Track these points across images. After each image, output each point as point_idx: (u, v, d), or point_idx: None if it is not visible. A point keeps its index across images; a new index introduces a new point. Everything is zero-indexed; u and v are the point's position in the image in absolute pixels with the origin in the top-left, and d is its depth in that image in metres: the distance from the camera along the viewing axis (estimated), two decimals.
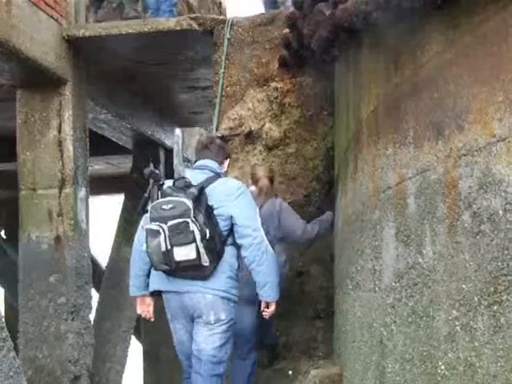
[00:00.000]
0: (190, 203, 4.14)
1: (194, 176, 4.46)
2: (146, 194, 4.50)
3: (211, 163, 4.56)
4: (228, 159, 4.78)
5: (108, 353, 9.73)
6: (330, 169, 5.99)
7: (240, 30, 6.64)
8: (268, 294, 4.45)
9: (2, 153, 10.10)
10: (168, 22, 7.28)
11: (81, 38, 7.38)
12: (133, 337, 11.21)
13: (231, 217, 4.32)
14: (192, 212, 4.13)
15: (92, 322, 8.10)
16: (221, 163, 4.64)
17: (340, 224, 5.23)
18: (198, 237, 4.12)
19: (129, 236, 10.27)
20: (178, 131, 11.43)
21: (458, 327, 3.10)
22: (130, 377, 11.68)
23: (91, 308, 7.96)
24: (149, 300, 4.58)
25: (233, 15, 7.20)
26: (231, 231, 4.37)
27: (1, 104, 8.66)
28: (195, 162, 4.70)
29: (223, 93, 6.60)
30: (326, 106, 6.22)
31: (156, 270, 4.32)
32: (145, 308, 4.61)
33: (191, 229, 4.11)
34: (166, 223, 4.14)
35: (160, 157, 10.87)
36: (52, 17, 7.12)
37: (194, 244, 4.12)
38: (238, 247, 4.40)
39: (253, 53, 6.58)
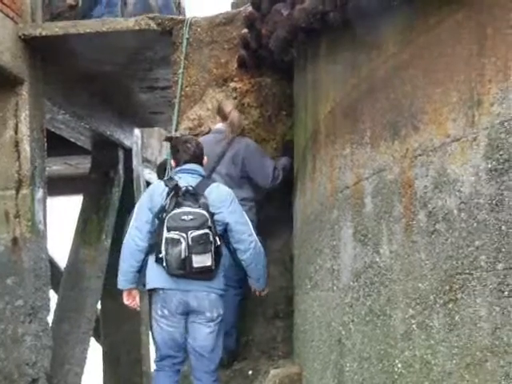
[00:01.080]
0: (207, 214, 4.54)
1: (187, 180, 4.73)
2: (162, 203, 4.65)
3: (197, 167, 4.86)
4: (205, 157, 5.01)
5: (66, 355, 9.61)
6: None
7: (199, 29, 6.61)
8: (261, 284, 5.05)
9: None
10: (126, 22, 7.22)
11: (38, 37, 7.27)
12: (92, 338, 11.13)
13: (227, 223, 4.69)
14: (209, 223, 4.53)
15: (50, 324, 8.01)
16: (202, 165, 4.92)
17: (299, 224, 5.25)
18: (213, 246, 4.54)
19: (87, 237, 10.21)
20: (137, 131, 11.35)
21: (414, 325, 3.13)
22: (90, 379, 11.58)
23: (49, 310, 7.86)
24: (135, 292, 4.87)
25: (192, 15, 7.17)
26: (223, 233, 4.73)
27: None
28: (179, 163, 4.86)
29: (182, 93, 6.57)
30: (284, 106, 6.22)
31: (170, 273, 4.60)
32: (131, 300, 4.88)
33: (211, 239, 4.52)
34: (186, 233, 4.48)
35: (119, 157, 10.79)
36: (8, 15, 7.01)
37: (210, 253, 4.54)
38: (227, 247, 4.81)
39: (212, 53, 6.55)
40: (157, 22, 6.98)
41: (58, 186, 12.28)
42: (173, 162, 4.99)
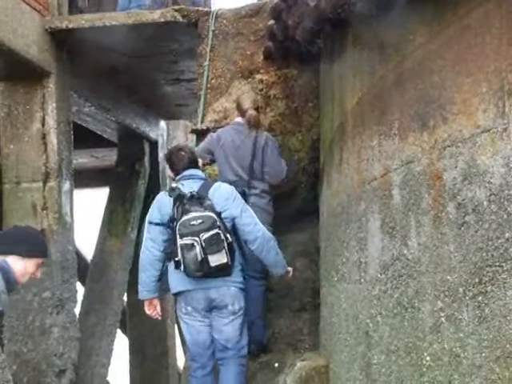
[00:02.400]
0: (214, 215, 4.68)
1: (190, 185, 4.87)
2: (170, 213, 4.80)
3: (196, 171, 5.03)
4: (200, 159, 5.25)
5: (93, 346, 9.68)
6: (316, 161, 5.97)
7: (225, 21, 6.61)
8: (279, 269, 5.07)
9: None
10: (152, 14, 7.24)
11: (64, 30, 7.31)
12: (119, 330, 11.19)
13: (234, 217, 4.82)
14: (218, 222, 4.67)
15: (77, 316, 8.07)
16: (199, 168, 5.12)
17: (325, 216, 5.23)
18: (225, 243, 4.68)
19: (113, 229, 10.26)
20: (162, 124, 11.38)
21: (442, 318, 3.11)
22: (116, 370, 11.65)
23: (76, 302, 7.92)
24: (156, 301, 5.04)
25: (217, 7, 7.16)
26: (232, 228, 4.84)
27: None
28: (179, 172, 5.00)
29: (208, 85, 6.57)
30: (311, 98, 6.20)
31: (189, 276, 4.75)
32: (152, 309, 5.05)
33: (222, 238, 4.66)
34: (198, 236, 4.63)
35: (145, 150, 10.82)
36: (35, 9, 7.05)
37: (224, 250, 4.67)
38: (239, 241, 4.88)
39: (237, 45, 6.55)
40: (182, 13, 6.99)
41: (85, 178, 12.36)
42: (171, 173, 5.13)
